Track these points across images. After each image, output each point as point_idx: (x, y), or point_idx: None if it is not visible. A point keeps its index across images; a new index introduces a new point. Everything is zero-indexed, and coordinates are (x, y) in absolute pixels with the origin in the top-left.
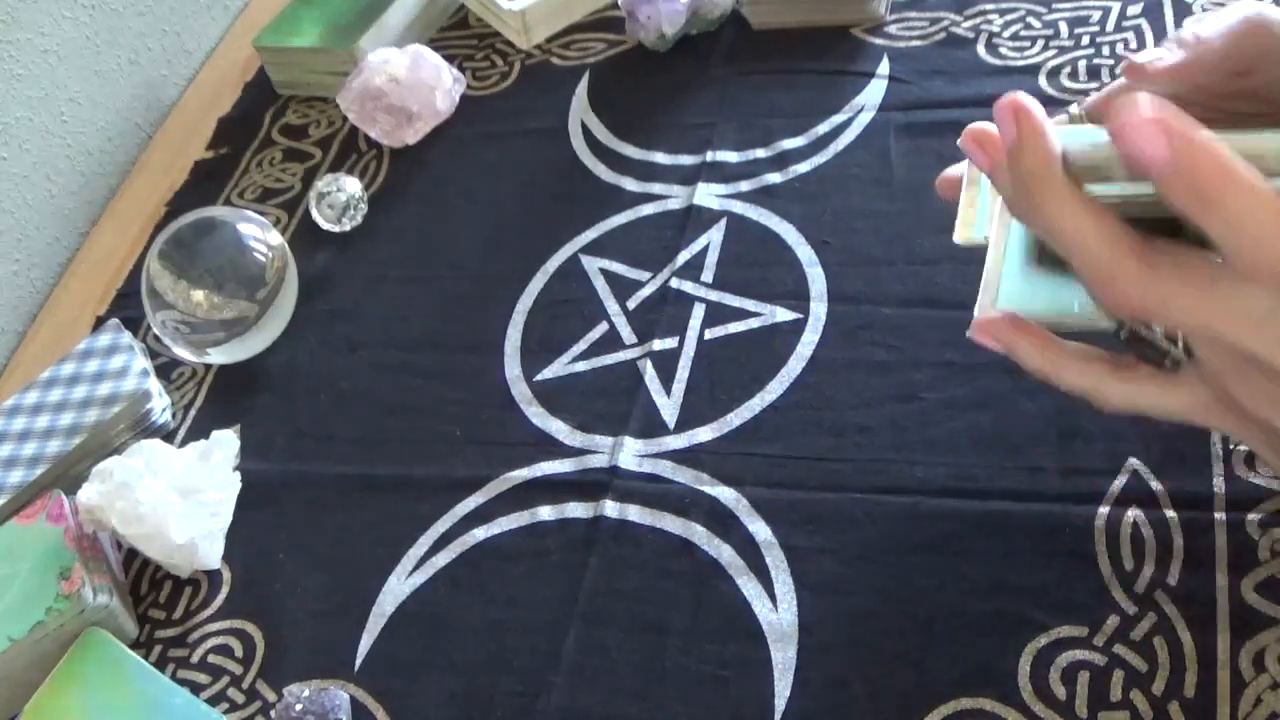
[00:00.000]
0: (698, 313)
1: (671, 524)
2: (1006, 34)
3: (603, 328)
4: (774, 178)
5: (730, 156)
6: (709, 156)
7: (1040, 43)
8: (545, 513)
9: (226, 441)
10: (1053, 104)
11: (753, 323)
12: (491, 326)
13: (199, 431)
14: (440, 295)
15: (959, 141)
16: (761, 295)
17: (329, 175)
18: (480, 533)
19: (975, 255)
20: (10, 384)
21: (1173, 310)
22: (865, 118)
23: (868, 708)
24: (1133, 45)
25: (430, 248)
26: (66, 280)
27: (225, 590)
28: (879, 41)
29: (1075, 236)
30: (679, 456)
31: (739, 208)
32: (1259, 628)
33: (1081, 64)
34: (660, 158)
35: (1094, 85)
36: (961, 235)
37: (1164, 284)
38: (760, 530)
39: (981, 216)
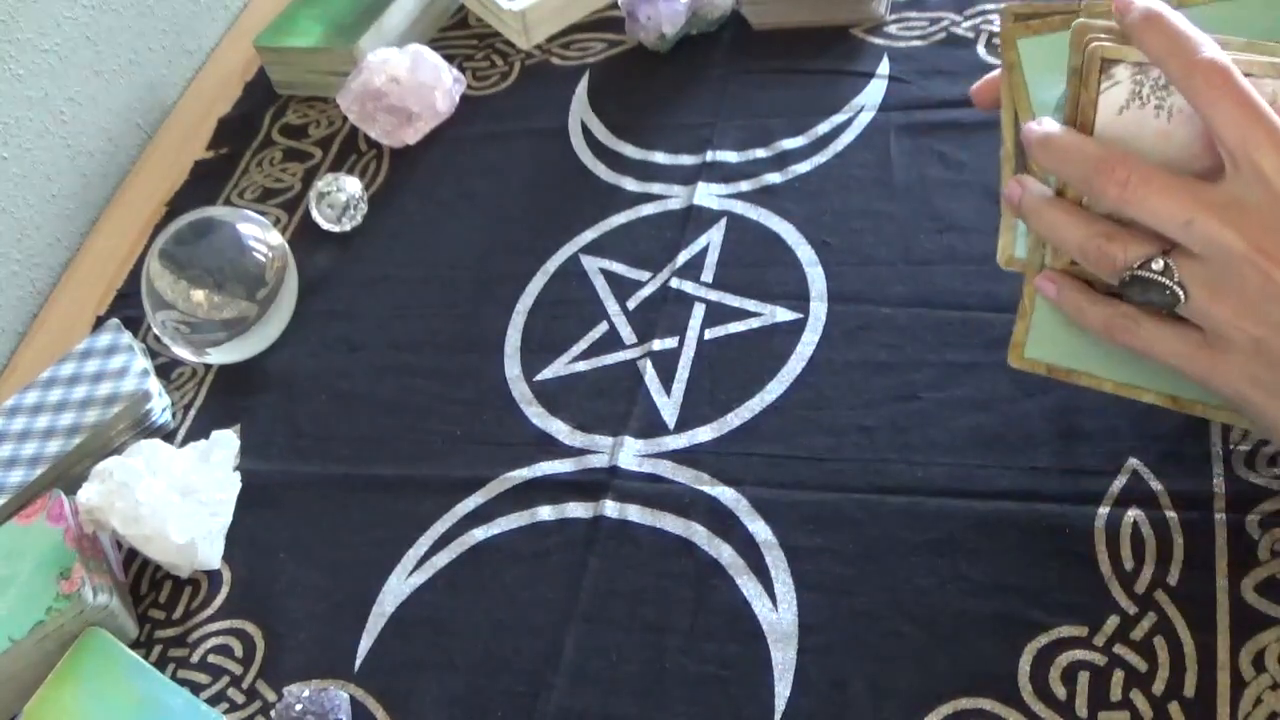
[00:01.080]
0: (698, 313)
1: (671, 524)
2: None
3: (603, 328)
4: (774, 178)
5: (730, 156)
6: (709, 156)
7: None
8: (545, 513)
9: (226, 441)
10: None
11: (753, 323)
12: (491, 326)
13: (199, 431)
14: (440, 295)
15: (1005, 192)
16: (761, 295)
17: (329, 175)
18: (480, 533)
19: (974, 255)
20: (10, 384)
21: (1154, 197)
22: (865, 118)
23: (868, 708)
24: None
25: (430, 248)
26: (66, 280)
27: (225, 590)
28: (879, 41)
29: (1074, 146)
30: (679, 456)
31: (739, 208)
32: (1259, 628)
33: None
34: (660, 158)
35: None
36: (1003, 258)
37: (1148, 172)
38: (760, 530)
39: (1022, 235)
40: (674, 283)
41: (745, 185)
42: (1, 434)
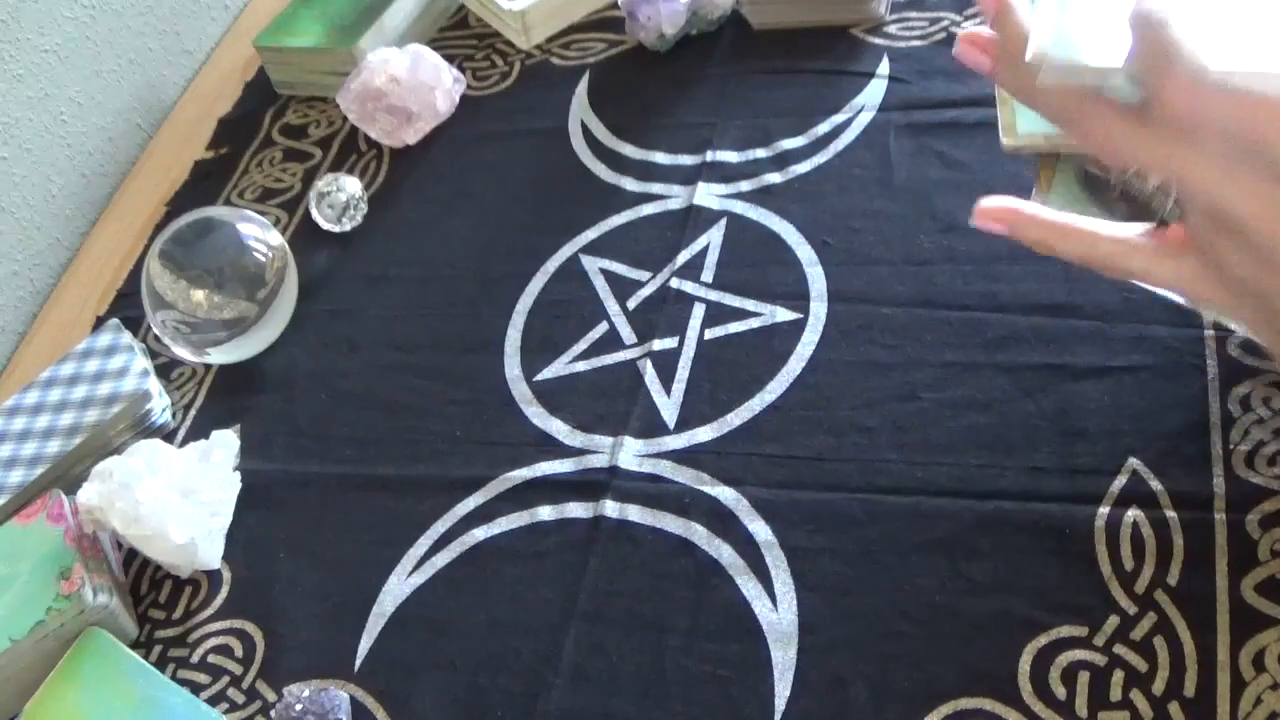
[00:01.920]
0: (698, 313)
1: (671, 524)
2: None
3: (603, 328)
4: (774, 178)
5: (730, 156)
6: (709, 156)
7: None
8: (545, 513)
9: (226, 441)
10: None
11: (753, 323)
12: (491, 326)
13: (199, 431)
14: (440, 295)
15: (955, 51)
16: (761, 295)
17: (329, 175)
18: (480, 533)
19: (974, 255)
20: (10, 384)
21: (1140, 148)
22: (865, 118)
23: (868, 708)
24: None
25: (430, 248)
26: (66, 280)
27: (225, 590)
28: (879, 41)
29: (1054, 97)
30: (679, 456)
31: (739, 208)
32: (1259, 628)
33: None
34: (660, 158)
35: None
36: (1008, 141)
37: (1131, 123)
38: (760, 530)
39: (1021, 116)
40: (674, 283)
41: (745, 185)
42: (1, 434)
